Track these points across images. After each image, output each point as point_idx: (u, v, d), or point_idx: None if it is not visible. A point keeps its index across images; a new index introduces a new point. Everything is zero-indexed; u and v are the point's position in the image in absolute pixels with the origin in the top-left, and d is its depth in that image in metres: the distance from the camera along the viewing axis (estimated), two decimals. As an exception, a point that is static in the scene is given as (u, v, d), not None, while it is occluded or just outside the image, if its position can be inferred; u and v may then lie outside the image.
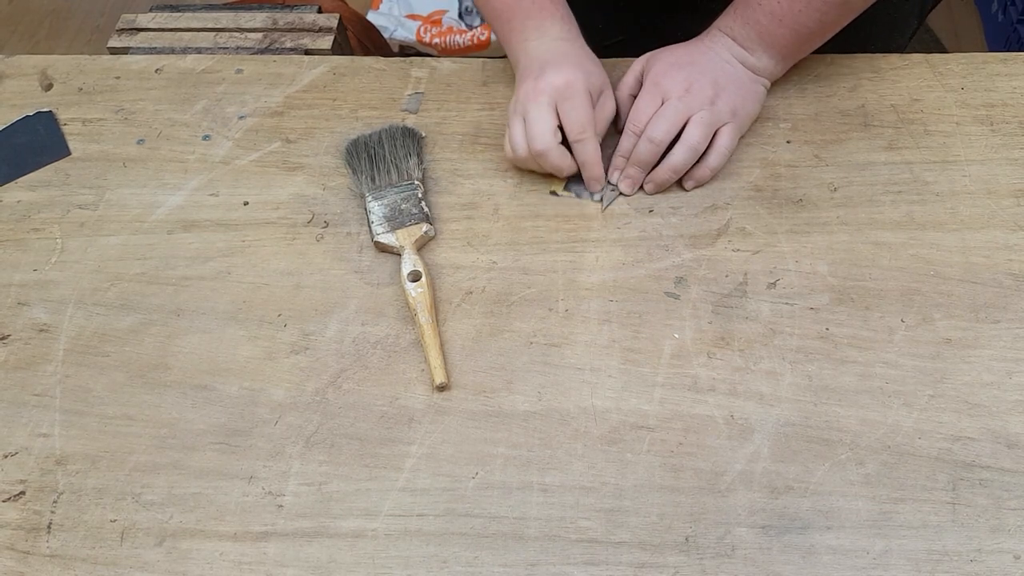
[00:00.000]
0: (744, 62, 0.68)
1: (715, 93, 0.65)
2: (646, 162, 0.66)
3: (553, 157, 0.65)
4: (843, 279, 0.61)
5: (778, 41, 0.67)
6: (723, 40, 0.68)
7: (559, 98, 0.64)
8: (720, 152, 0.66)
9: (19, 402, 0.59)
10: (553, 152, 0.64)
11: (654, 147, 0.65)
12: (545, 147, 0.64)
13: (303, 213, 0.68)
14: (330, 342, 0.60)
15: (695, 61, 0.67)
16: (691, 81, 0.66)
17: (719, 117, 0.65)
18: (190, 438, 0.57)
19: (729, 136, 0.66)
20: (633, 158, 0.66)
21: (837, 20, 0.66)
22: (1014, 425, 0.54)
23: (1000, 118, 0.69)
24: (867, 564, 0.50)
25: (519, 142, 0.65)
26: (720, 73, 0.67)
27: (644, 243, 0.64)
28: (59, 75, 0.79)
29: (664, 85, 0.66)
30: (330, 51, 0.83)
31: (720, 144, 0.66)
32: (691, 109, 0.65)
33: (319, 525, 0.53)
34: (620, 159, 0.67)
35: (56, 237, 0.68)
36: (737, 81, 0.67)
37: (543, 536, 0.52)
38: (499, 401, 0.57)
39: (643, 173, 0.67)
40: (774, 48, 0.67)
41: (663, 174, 0.66)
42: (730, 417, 0.56)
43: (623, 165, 0.67)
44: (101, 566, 0.52)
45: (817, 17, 0.65)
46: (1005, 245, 0.62)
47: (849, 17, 0.66)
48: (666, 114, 0.65)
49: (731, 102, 0.66)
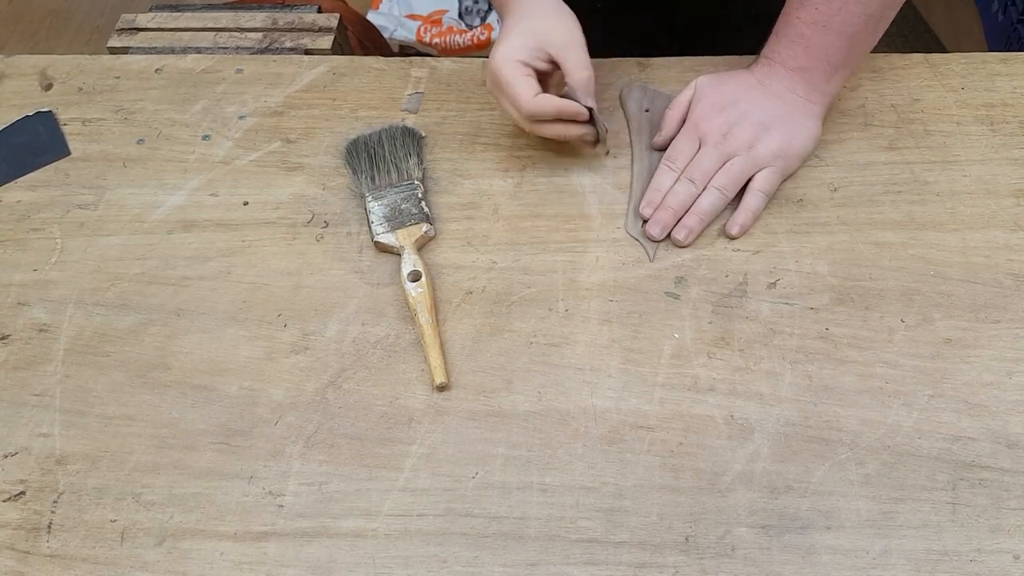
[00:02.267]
0: (796, 91, 0.65)
1: (755, 136, 0.64)
2: (682, 203, 0.64)
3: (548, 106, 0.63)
4: (843, 279, 0.61)
5: (827, 50, 0.64)
6: (773, 69, 0.66)
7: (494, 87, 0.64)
8: (755, 194, 0.64)
9: (19, 402, 0.59)
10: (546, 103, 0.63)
11: (692, 188, 0.64)
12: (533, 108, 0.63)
13: (303, 213, 0.68)
14: (330, 342, 0.60)
15: (740, 99, 0.66)
16: (730, 125, 0.65)
17: (757, 162, 0.64)
18: (190, 438, 0.57)
19: (766, 179, 0.64)
20: (668, 200, 0.64)
21: (882, 12, 0.63)
22: (1014, 425, 0.54)
23: (1000, 118, 0.69)
24: (867, 564, 0.50)
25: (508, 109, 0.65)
26: (768, 112, 0.65)
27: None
28: (59, 75, 0.79)
29: (703, 128, 0.66)
30: (330, 51, 0.83)
31: (756, 186, 0.64)
32: (728, 155, 0.64)
33: (319, 525, 0.53)
34: (656, 194, 0.65)
35: (56, 237, 0.68)
36: (787, 118, 0.65)
37: (543, 536, 0.52)
38: (499, 401, 0.57)
39: (675, 217, 0.64)
40: (824, 61, 0.64)
41: (690, 219, 0.64)
42: (730, 417, 0.56)
43: (658, 201, 0.65)
44: (101, 566, 0.52)
45: (859, 11, 0.62)
46: (1005, 245, 0.62)
47: (895, 7, 0.63)
48: (701, 162, 0.65)
49: (774, 144, 0.64)
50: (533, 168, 0.69)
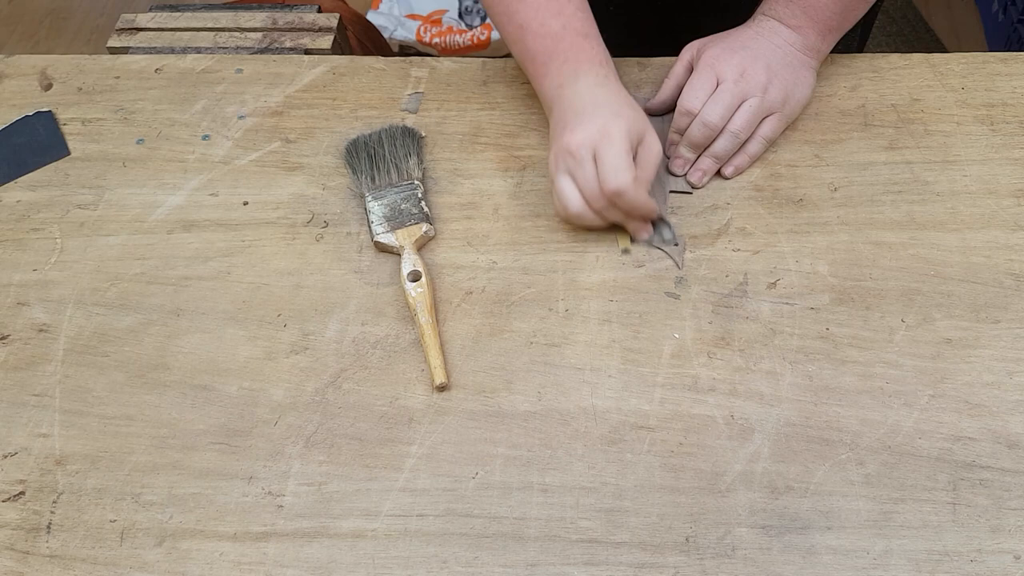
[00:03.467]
0: (794, 44, 0.68)
1: (768, 79, 0.66)
2: (699, 144, 0.66)
3: (632, 193, 0.59)
4: (843, 279, 0.61)
5: (823, 12, 0.67)
6: (771, 24, 0.68)
7: (596, 147, 0.59)
8: (760, 141, 0.67)
9: (19, 402, 0.59)
10: (630, 189, 0.59)
11: (708, 131, 0.65)
12: (623, 184, 0.58)
13: (303, 213, 0.68)
14: (330, 342, 0.60)
15: (747, 46, 0.67)
16: (745, 66, 0.66)
17: (769, 105, 0.66)
18: (190, 438, 0.57)
19: (773, 125, 0.67)
20: (685, 139, 0.66)
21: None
22: (1014, 425, 0.54)
23: (1000, 118, 0.69)
24: (867, 564, 0.50)
25: (573, 198, 0.61)
26: (773, 58, 0.67)
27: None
28: (59, 75, 0.79)
29: (719, 68, 0.67)
30: (330, 51, 0.83)
31: (762, 133, 0.67)
32: (744, 94, 0.66)
33: (319, 525, 0.53)
34: (675, 135, 0.68)
35: (56, 237, 0.68)
36: (789, 67, 0.67)
37: (543, 536, 0.52)
38: (499, 401, 0.57)
39: (694, 154, 0.67)
40: (820, 22, 0.67)
41: (705, 162, 0.66)
42: (730, 417, 0.56)
43: (677, 141, 0.67)
44: (101, 566, 0.52)
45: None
46: (1005, 245, 0.62)
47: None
48: (721, 98, 0.65)
49: (783, 89, 0.66)
50: (533, 168, 0.69)
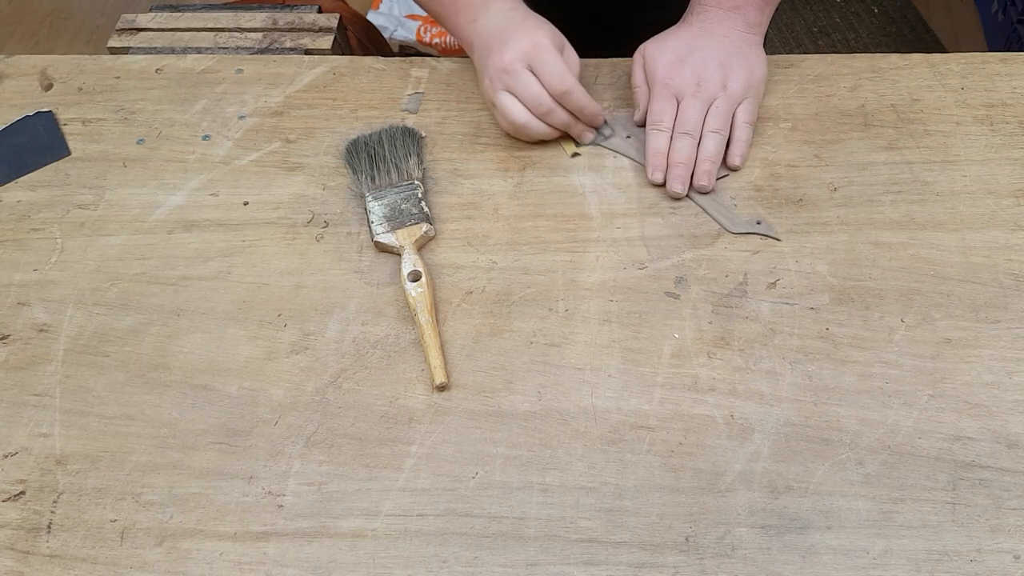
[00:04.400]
0: (737, 27, 0.69)
1: (724, 75, 0.67)
2: (688, 156, 0.66)
3: (579, 91, 0.65)
4: (843, 279, 0.61)
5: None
6: (709, 14, 0.69)
7: (529, 60, 0.65)
8: (745, 126, 0.68)
9: (19, 402, 0.59)
10: (577, 87, 0.65)
11: (691, 140, 0.66)
12: (570, 83, 0.65)
13: (303, 213, 0.68)
14: (330, 342, 0.60)
15: (693, 48, 0.68)
16: (698, 73, 0.67)
17: (735, 98, 0.67)
18: (190, 438, 0.57)
19: (748, 109, 0.68)
20: (674, 157, 0.66)
21: None
22: (1014, 425, 0.54)
23: (1000, 118, 0.69)
24: (867, 564, 0.50)
25: (517, 109, 0.66)
26: (722, 52, 0.68)
27: (644, 243, 0.64)
28: (59, 75, 0.79)
29: (674, 85, 0.67)
30: (330, 51, 0.83)
31: (742, 119, 0.68)
32: (708, 99, 0.67)
33: (319, 525, 0.53)
34: (659, 157, 0.67)
35: (56, 237, 0.68)
36: (739, 54, 0.68)
37: (543, 536, 0.52)
38: (499, 401, 0.57)
39: (688, 170, 0.67)
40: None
41: (704, 165, 0.66)
42: (730, 417, 0.56)
43: (664, 164, 0.67)
44: (101, 566, 0.52)
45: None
46: (1005, 245, 0.62)
47: None
48: (689, 114, 0.66)
49: (741, 78, 0.67)
50: (533, 168, 0.69)
